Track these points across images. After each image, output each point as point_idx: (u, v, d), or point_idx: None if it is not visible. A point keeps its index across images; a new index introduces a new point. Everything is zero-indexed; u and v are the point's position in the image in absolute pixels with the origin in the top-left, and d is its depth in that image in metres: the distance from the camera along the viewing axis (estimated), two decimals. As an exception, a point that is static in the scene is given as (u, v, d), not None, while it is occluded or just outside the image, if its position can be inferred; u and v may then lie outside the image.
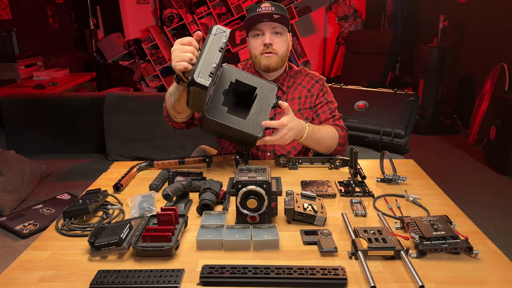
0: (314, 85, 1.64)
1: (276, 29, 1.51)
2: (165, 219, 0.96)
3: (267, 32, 1.50)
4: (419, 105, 2.11)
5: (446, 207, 1.13)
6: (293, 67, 1.68)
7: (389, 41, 4.58)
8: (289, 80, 1.63)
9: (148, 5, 5.51)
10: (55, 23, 4.60)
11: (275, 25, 1.50)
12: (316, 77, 1.67)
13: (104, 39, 5.37)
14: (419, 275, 0.80)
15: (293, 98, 1.62)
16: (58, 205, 1.85)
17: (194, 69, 1.11)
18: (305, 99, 1.62)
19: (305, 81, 1.65)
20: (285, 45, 1.54)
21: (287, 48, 1.56)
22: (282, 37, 1.53)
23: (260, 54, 1.52)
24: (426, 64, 4.14)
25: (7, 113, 2.55)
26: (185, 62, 1.16)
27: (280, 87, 1.60)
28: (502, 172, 3.27)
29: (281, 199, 1.10)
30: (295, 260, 0.89)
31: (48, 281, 0.84)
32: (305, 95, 1.62)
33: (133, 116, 2.46)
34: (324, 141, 1.52)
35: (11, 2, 3.75)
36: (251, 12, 1.51)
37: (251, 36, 1.55)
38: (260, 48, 1.52)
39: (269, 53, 1.51)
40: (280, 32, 1.52)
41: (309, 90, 1.63)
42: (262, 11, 1.47)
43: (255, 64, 1.57)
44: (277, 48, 1.52)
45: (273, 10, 1.47)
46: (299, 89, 1.63)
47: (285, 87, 1.62)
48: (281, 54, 1.53)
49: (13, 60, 3.47)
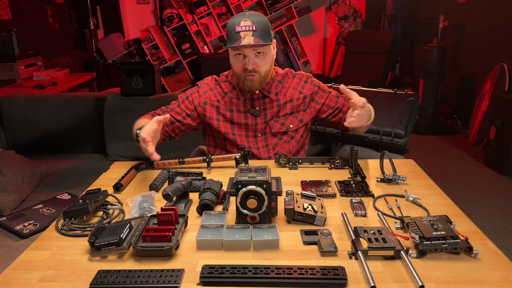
0: (304, 85, 1.62)
1: (258, 50, 1.43)
2: (165, 219, 0.96)
3: (248, 54, 1.43)
4: (419, 105, 2.10)
5: (446, 207, 1.13)
6: (279, 71, 1.63)
7: (389, 41, 4.57)
8: (276, 86, 1.59)
9: (148, 5, 5.50)
10: (55, 23, 4.60)
11: (257, 47, 1.42)
12: (303, 76, 1.65)
13: (104, 39, 5.36)
14: (419, 275, 0.80)
15: (286, 102, 1.59)
16: (58, 205, 1.85)
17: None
18: (297, 101, 1.60)
19: (294, 82, 1.62)
20: (268, 63, 1.49)
21: (270, 64, 1.51)
22: (265, 57, 1.46)
23: (242, 75, 1.48)
24: (426, 64, 4.14)
25: (7, 113, 2.55)
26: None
27: (267, 95, 1.57)
28: (502, 172, 3.27)
29: (281, 199, 1.10)
30: (295, 260, 0.89)
31: (48, 281, 0.84)
32: (297, 97, 1.60)
33: (133, 116, 2.45)
34: (373, 113, 1.50)
35: (11, 2, 3.75)
36: (231, 31, 1.42)
37: (232, 53, 1.48)
38: (241, 70, 1.47)
39: (252, 75, 1.46)
40: (263, 51, 1.45)
41: (300, 92, 1.60)
42: (242, 31, 1.39)
43: (238, 81, 1.53)
44: (260, 69, 1.47)
45: (254, 30, 1.39)
46: (290, 92, 1.60)
47: (272, 94, 1.58)
48: (263, 74, 1.49)
49: (13, 60, 3.47)
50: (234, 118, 1.58)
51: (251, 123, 1.58)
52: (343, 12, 5.29)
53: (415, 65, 4.50)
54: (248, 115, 1.58)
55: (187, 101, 1.61)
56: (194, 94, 1.62)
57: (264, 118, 1.59)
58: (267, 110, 1.59)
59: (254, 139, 1.60)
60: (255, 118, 1.58)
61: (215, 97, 1.60)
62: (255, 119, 1.58)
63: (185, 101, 1.61)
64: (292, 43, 5.50)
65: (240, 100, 1.58)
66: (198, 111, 1.60)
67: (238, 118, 1.58)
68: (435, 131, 4.26)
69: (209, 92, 1.61)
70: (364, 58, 4.73)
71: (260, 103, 1.58)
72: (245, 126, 1.59)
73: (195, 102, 1.60)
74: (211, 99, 1.60)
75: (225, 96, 1.60)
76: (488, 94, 3.71)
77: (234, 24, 1.41)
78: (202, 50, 5.40)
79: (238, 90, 1.58)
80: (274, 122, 1.59)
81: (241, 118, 1.58)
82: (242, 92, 1.57)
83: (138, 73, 2.45)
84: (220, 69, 1.72)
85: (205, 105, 1.59)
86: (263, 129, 1.59)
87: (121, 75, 2.47)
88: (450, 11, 4.27)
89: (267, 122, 1.59)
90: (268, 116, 1.59)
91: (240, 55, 1.45)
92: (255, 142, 1.60)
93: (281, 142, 1.61)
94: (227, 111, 1.58)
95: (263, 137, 1.60)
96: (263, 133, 1.60)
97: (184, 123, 1.61)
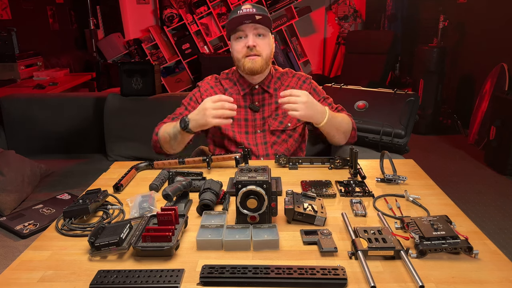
0: (302, 85, 1.64)
1: (258, 31, 1.48)
2: (165, 219, 0.96)
3: (249, 33, 1.48)
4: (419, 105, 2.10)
5: (446, 207, 1.13)
6: (278, 69, 1.67)
7: (389, 41, 4.58)
8: (275, 82, 1.62)
9: (148, 5, 5.50)
10: (55, 23, 4.59)
11: (257, 26, 1.48)
12: (302, 77, 1.66)
13: (104, 39, 5.36)
14: (419, 275, 0.80)
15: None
16: (58, 205, 1.85)
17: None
18: None
19: (293, 82, 1.65)
20: (268, 47, 1.52)
21: (270, 50, 1.54)
22: (265, 39, 1.51)
23: (243, 57, 1.51)
24: (426, 64, 4.14)
25: (7, 113, 2.55)
26: (217, 119, 1.35)
27: (266, 90, 1.60)
28: (502, 172, 3.27)
29: (281, 199, 1.10)
30: (295, 260, 0.89)
31: (48, 281, 0.84)
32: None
33: (133, 116, 2.46)
34: (342, 125, 1.54)
35: (11, 2, 3.75)
36: (232, 14, 1.50)
37: (234, 39, 1.53)
38: (243, 51, 1.50)
39: (253, 55, 1.49)
40: (263, 34, 1.50)
41: None
42: (243, 12, 1.46)
43: (239, 67, 1.55)
44: (261, 50, 1.50)
45: (255, 11, 1.46)
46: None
47: (271, 89, 1.60)
48: (265, 56, 1.51)
49: (13, 60, 3.46)
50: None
51: (251, 119, 1.60)
52: (343, 12, 5.29)
53: (415, 65, 4.49)
54: (248, 110, 1.60)
55: (192, 102, 1.64)
56: (197, 93, 1.66)
57: (263, 114, 1.60)
58: (266, 106, 1.61)
59: (254, 136, 1.61)
60: (254, 114, 1.60)
61: (215, 94, 1.61)
62: (254, 114, 1.60)
63: (190, 102, 1.64)
64: (292, 43, 5.50)
65: (240, 95, 1.60)
66: None
67: (238, 114, 1.59)
68: (435, 131, 4.26)
69: (209, 90, 1.64)
70: (364, 58, 4.73)
71: (260, 98, 1.60)
72: (244, 122, 1.60)
73: (198, 100, 1.62)
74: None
75: (225, 92, 1.62)
76: (488, 94, 3.71)
77: (236, 10, 1.49)
78: (202, 50, 5.40)
79: (239, 85, 1.60)
80: (272, 120, 1.60)
81: (241, 113, 1.60)
82: (242, 86, 1.60)
83: (138, 73, 2.46)
84: (220, 69, 1.73)
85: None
86: (261, 126, 1.60)
87: (121, 75, 2.47)
88: (450, 11, 4.27)
89: (265, 118, 1.60)
90: (266, 112, 1.60)
91: (241, 38, 1.49)
92: (254, 138, 1.61)
93: (279, 141, 1.61)
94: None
95: (262, 134, 1.61)
96: (262, 129, 1.61)
97: None
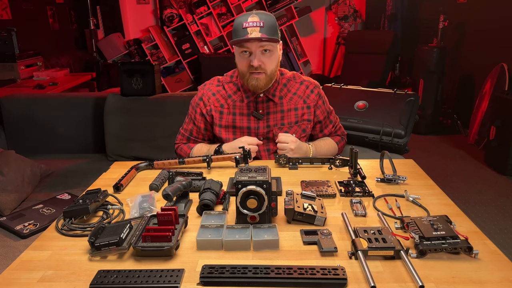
0: (310, 95, 1.60)
1: (264, 47, 1.42)
2: (165, 219, 0.96)
3: (255, 51, 1.41)
4: (419, 105, 2.11)
5: (446, 207, 1.13)
6: (285, 74, 1.61)
7: (389, 41, 4.57)
8: (281, 90, 1.58)
9: (148, 5, 5.50)
10: (55, 23, 4.59)
11: (263, 43, 1.41)
12: (311, 85, 1.62)
13: (104, 39, 5.36)
14: (419, 275, 0.80)
15: (290, 110, 1.58)
16: (58, 205, 1.85)
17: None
18: (302, 110, 1.59)
19: (301, 90, 1.60)
20: (274, 62, 1.47)
21: (276, 64, 1.49)
22: (272, 55, 1.44)
23: (248, 73, 1.46)
24: (426, 64, 4.14)
25: (7, 113, 2.55)
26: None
27: (271, 99, 1.56)
28: (502, 172, 3.27)
29: (281, 199, 1.10)
30: (295, 260, 0.89)
31: (48, 281, 0.84)
32: (301, 107, 1.59)
33: (133, 116, 2.46)
34: (327, 154, 1.61)
35: (11, 2, 3.75)
36: (238, 27, 1.41)
37: (238, 51, 1.46)
38: (247, 68, 1.45)
39: (258, 73, 1.45)
40: (270, 49, 1.43)
41: (305, 101, 1.59)
42: (250, 26, 1.38)
43: (243, 79, 1.52)
44: (266, 68, 1.45)
45: (261, 26, 1.38)
46: (294, 99, 1.58)
47: (276, 98, 1.56)
48: (270, 73, 1.47)
49: (13, 60, 3.47)
50: (237, 122, 1.58)
51: (254, 127, 1.58)
52: (343, 12, 5.29)
53: (415, 65, 4.49)
54: (251, 118, 1.57)
55: (198, 115, 1.64)
56: (200, 104, 1.62)
57: (267, 122, 1.57)
58: (270, 114, 1.57)
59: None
60: (258, 122, 1.57)
61: (218, 102, 1.60)
62: (257, 122, 1.57)
63: (196, 116, 1.64)
64: (292, 43, 5.50)
65: (243, 103, 1.57)
66: (208, 120, 1.62)
67: (240, 122, 1.58)
68: (435, 131, 4.26)
69: (212, 98, 1.61)
70: (364, 58, 4.73)
71: (264, 106, 1.57)
72: (247, 129, 1.58)
73: (203, 111, 1.61)
74: (215, 105, 1.60)
75: (229, 98, 1.59)
76: (488, 94, 3.71)
77: (241, 20, 1.41)
78: (202, 50, 5.39)
79: (243, 92, 1.57)
80: (278, 130, 1.57)
81: (244, 121, 1.58)
82: (246, 94, 1.57)
83: (138, 73, 2.46)
84: (220, 69, 1.73)
85: (211, 112, 1.60)
86: (265, 134, 1.58)
87: (121, 75, 2.47)
88: (450, 11, 4.27)
89: (269, 126, 1.57)
90: (271, 121, 1.57)
91: (246, 52, 1.43)
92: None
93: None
94: (230, 115, 1.58)
95: (265, 141, 1.59)
96: (265, 137, 1.59)
97: (209, 133, 1.67)
